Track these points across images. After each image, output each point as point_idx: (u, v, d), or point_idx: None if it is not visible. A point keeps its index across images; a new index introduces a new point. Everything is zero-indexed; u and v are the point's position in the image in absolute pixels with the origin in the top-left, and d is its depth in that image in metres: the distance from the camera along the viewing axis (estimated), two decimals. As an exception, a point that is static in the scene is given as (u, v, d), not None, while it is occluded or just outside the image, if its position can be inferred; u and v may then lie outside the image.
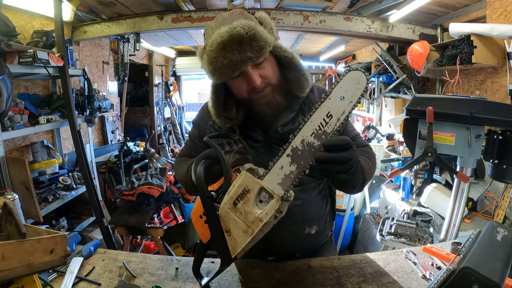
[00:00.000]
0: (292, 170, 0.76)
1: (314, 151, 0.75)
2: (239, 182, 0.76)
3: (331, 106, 0.76)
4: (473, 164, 1.33)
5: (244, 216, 0.75)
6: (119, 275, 0.99)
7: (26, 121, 2.28)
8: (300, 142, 0.76)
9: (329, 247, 1.20)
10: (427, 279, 0.96)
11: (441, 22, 3.07)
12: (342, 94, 0.76)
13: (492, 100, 2.08)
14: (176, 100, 6.76)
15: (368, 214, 3.05)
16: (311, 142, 0.76)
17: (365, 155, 1.00)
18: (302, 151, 0.76)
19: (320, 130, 0.76)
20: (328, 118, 0.76)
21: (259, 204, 0.75)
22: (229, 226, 0.77)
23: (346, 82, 0.77)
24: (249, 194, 0.75)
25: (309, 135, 0.76)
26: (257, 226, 0.75)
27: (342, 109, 0.76)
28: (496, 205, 1.99)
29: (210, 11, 3.06)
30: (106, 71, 3.99)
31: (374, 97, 3.87)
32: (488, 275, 0.62)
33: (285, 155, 0.76)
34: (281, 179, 0.76)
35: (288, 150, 0.77)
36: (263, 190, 0.75)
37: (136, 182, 2.61)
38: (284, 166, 0.76)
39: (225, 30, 0.81)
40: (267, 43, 0.84)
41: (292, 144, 0.77)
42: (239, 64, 0.83)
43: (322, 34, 3.74)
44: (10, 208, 0.75)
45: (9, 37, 2.00)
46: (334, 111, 0.76)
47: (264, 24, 0.90)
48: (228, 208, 0.76)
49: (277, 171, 0.76)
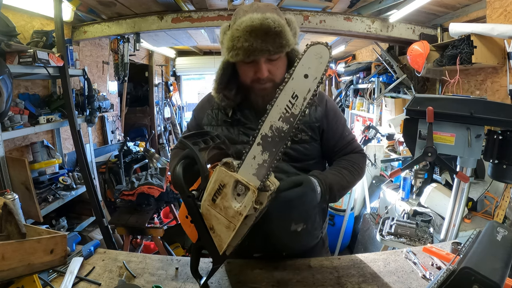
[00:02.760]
0: (265, 159, 0.74)
1: (285, 135, 0.74)
2: (215, 177, 0.75)
3: (295, 86, 0.74)
4: (473, 164, 1.33)
5: (224, 211, 0.74)
6: (119, 275, 0.99)
7: (26, 121, 2.28)
8: (269, 129, 0.74)
9: (321, 250, 1.19)
10: (427, 279, 0.96)
11: (441, 22, 3.07)
12: (305, 71, 0.73)
13: (492, 100, 2.08)
14: (176, 100, 6.76)
15: (368, 214, 3.05)
16: (280, 126, 0.74)
17: (344, 168, 1.02)
18: (272, 138, 0.74)
19: (287, 113, 0.74)
20: (294, 99, 0.74)
21: (237, 198, 0.74)
22: (212, 223, 0.77)
23: (307, 58, 0.74)
24: (225, 189, 0.74)
25: (277, 120, 0.74)
26: (238, 220, 0.74)
27: (307, 87, 0.73)
28: (496, 205, 1.99)
29: (210, 11, 3.06)
30: (106, 71, 3.99)
31: (374, 97, 3.87)
32: (488, 275, 0.62)
33: (256, 144, 0.75)
34: (256, 169, 0.74)
35: (258, 138, 0.75)
36: (238, 183, 0.74)
37: (136, 182, 2.61)
38: (256, 155, 0.74)
39: (257, 17, 0.85)
40: (288, 44, 0.89)
41: (261, 132, 0.75)
42: (257, 51, 0.87)
43: (322, 34, 3.74)
44: (10, 208, 0.75)
45: (9, 37, 2.00)
46: (299, 91, 0.73)
47: (291, 27, 0.95)
48: (208, 205, 0.76)
49: (250, 161, 0.74)
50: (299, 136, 1.03)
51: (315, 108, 1.07)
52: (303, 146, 1.04)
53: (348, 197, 3.09)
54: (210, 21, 3.05)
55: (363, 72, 4.35)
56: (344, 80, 5.30)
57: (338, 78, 5.81)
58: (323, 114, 1.07)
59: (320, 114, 1.06)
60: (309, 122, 1.05)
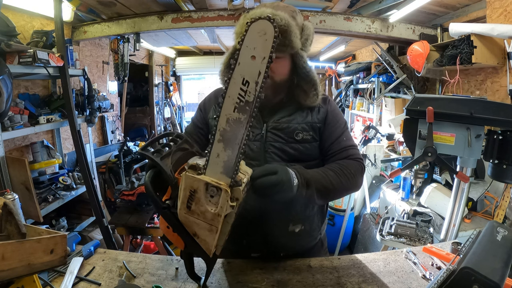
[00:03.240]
0: (229, 154, 0.71)
1: (244, 126, 0.70)
2: (183, 184, 0.72)
3: (244, 71, 0.68)
4: (473, 164, 1.33)
5: (202, 216, 0.72)
6: (119, 275, 0.99)
7: (26, 121, 2.28)
8: (226, 122, 0.70)
9: (319, 250, 1.19)
10: (427, 279, 0.96)
11: (441, 22, 3.07)
12: (251, 53, 0.67)
13: (492, 100, 2.08)
14: (176, 100, 6.76)
15: (368, 214, 3.05)
16: (237, 118, 0.70)
17: (331, 170, 0.98)
18: (231, 131, 0.70)
19: (241, 102, 0.69)
20: (245, 86, 0.68)
21: (211, 200, 0.71)
22: (194, 229, 0.75)
23: (251, 38, 0.68)
24: (197, 194, 0.71)
25: (232, 112, 0.70)
26: (218, 222, 0.72)
27: (257, 69, 0.67)
28: (496, 205, 1.99)
29: (210, 11, 3.06)
30: (106, 71, 3.99)
31: (374, 97, 3.87)
32: (488, 275, 0.62)
33: (216, 141, 0.71)
34: (222, 167, 0.71)
35: (217, 135, 0.71)
36: (209, 185, 0.71)
37: (136, 182, 2.61)
38: (219, 153, 0.71)
39: (268, 11, 0.87)
40: (291, 45, 0.91)
41: (219, 128, 0.71)
42: None
43: (322, 34, 3.73)
44: (10, 208, 0.75)
45: (9, 37, 2.00)
46: (249, 76, 0.68)
47: (303, 33, 0.98)
48: (185, 213, 0.74)
49: (215, 160, 0.71)
50: (301, 135, 1.03)
51: (318, 109, 1.07)
52: (304, 145, 1.04)
53: (348, 197, 3.09)
54: (210, 21, 3.05)
55: (363, 72, 4.35)
56: (344, 80, 5.30)
57: (338, 78, 5.81)
58: (325, 114, 1.08)
59: (322, 115, 1.07)
60: (311, 122, 1.05)
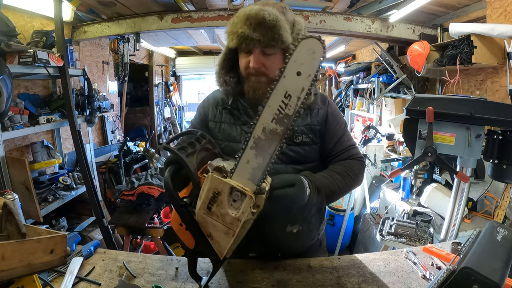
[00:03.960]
0: (260, 162, 0.71)
1: (279, 137, 0.71)
2: (208, 185, 0.72)
3: (288, 84, 0.70)
4: (473, 164, 1.33)
5: (221, 218, 0.72)
6: (119, 275, 0.99)
7: (26, 121, 2.28)
8: (262, 131, 0.71)
9: (317, 250, 1.19)
10: (427, 279, 0.96)
11: (441, 22, 3.07)
12: (298, 68, 0.69)
13: (492, 100, 2.08)
14: (176, 100, 6.76)
15: (368, 214, 3.05)
16: (273, 128, 0.71)
17: (338, 173, 1.00)
18: (266, 140, 0.71)
19: (280, 114, 0.70)
20: (287, 99, 0.70)
21: (233, 204, 0.71)
22: (209, 230, 0.74)
23: (300, 54, 0.70)
24: (221, 196, 0.71)
25: (269, 122, 0.71)
26: (236, 226, 0.72)
27: (301, 86, 0.69)
28: (496, 205, 1.99)
29: (210, 11, 3.06)
30: (106, 71, 3.99)
31: (374, 97, 3.87)
32: (488, 275, 0.62)
33: (249, 148, 0.72)
34: (250, 174, 0.71)
35: (250, 142, 0.72)
36: (234, 189, 0.71)
37: (136, 182, 2.61)
38: (250, 159, 0.72)
39: (256, 7, 0.89)
40: (281, 39, 0.90)
41: (254, 135, 0.72)
42: (248, 40, 0.90)
43: (322, 34, 3.73)
44: (10, 208, 0.75)
45: (9, 37, 2.00)
46: (292, 90, 0.69)
47: (294, 28, 0.96)
48: (204, 214, 0.73)
49: (244, 166, 0.72)
50: (300, 138, 1.03)
51: (317, 111, 1.07)
52: (303, 148, 1.04)
53: (348, 197, 3.09)
54: (210, 21, 3.05)
55: (363, 72, 4.35)
56: (344, 80, 5.30)
57: (338, 78, 5.81)
58: (324, 117, 1.07)
59: (322, 117, 1.07)
60: (310, 124, 1.05)
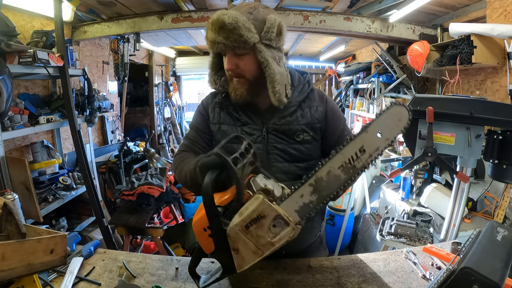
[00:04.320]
0: (312, 200, 0.72)
1: (339, 184, 0.71)
2: (254, 206, 0.70)
3: (366, 140, 0.71)
4: (473, 164, 1.33)
5: (255, 239, 0.71)
6: (119, 275, 0.99)
7: (26, 121, 2.28)
8: (326, 174, 0.72)
9: (318, 247, 1.20)
10: (427, 279, 0.96)
11: (441, 22, 3.07)
12: (381, 129, 0.71)
13: (492, 100, 2.08)
14: (176, 100, 6.76)
15: (368, 214, 3.05)
16: (338, 174, 0.72)
17: None
18: (326, 182, 0.72)
19: (349, 164, 0.71)
20: (361, 153, 0.71)
21: (272, 229, 0.71)
22: (238, 246, 0.73)
23: (387, 117, 0.72)
24: (264, 220, 0.70)
25: (336, 167, 0.72)
26: (268, 249, 0.72)
27: (377, 145, 0.71)
28: (496, 205, 1.99)
29: (210, 11, 3.06)
30: (106, 71, 3.99)
31: (374, 97, 3.87)
32: (488, 275, 0.62)
33: (308, 184, 0.73)
34: (299, 207, 0.72)
35: (311, 179, 0.73)
36: (279, 217, 0.71)
37: (136, 182, 2.61)
38: (304, 194, 0.72)
39: (218, 13, 0.92)
40: (243, 39, 0.92)
41: (317, 174, 0.72)
42: (215, 44, 0.95)
43: (322, 34, 3.74)
44: (10, 208, 0.75)
45: (9, 37, 2.00)
46: (368, 146, 0.71)
47: (266, 27, 0.96)
48: (239, 230, 0.72)
49: (296, 198, 0.72)
50: (301, 136, 1.04)
51: (316, 108, 1.08)
52: (305, 146, 1.05)
53: (348, 197, 3.09)
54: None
55: (363, 72, 4.35)
56: (344, 80, 5.30)
57: (338, 78, 5.82)
58: (324, 114, 1.09)
59: (321, 114, 1.08)
60: (310, 122, 1.06)
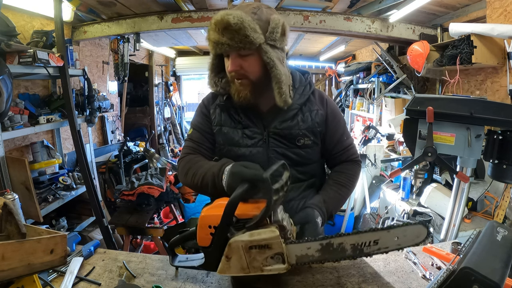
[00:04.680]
0: (314, 256, 0.78)
1: (342, 256, 0.78)
2: (267, 236, 0.75)
3: (384, 237, 0.78)
4: (473, 164, 1.33)
5: (250, 259, 0.76)
6: (119, 275, 0.99)
7: (26, 121, 2.28)
8: (338, 243, 0.78)
9: None
10: (427, 279, 0.96)
11: (441, 22, 3.07)
12: (400, 235, 0.78)
13: (492, 100, 2.08)
14: (176, 100, 6.76)
15: (368, 214, 3.05)
16: (346, 248, 0.78)
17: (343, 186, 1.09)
18: (334, 250, 0.78)
19: (359, 246, 0.78)
20: (374, 244, 0.78)
21: (269, 259, 0.77)
22: (232, 256, 0.77)
23: (410, 230, 0.78)
24: (268, 250, 0.76)
25: (349, 243, 0.79)
26: (255, 272, 0.78)
27: (389, 244, 0.78)
28: (496, 205, 1.99)
29: (210, 11, 3.06)
30: (106, 71, 3.99)
31: (374, 97, 3.87)
32: (488, 275, 0.62)
33: (318, 242, 0.78)
34: (301, 255, 0.78)
35: (324, 241, 0.78)
36: (281, 254, 0.76)
37: (136, 182, 2.61)
38: (311, 248, 0.78)
39: (222, 13, 0.89)
40: (249, 40, 0.89)
41: (331, 239, 0.78)
42: (219, 45, 0.92)
43: (322, 34, 3.74)
44: (10, 208, 0.75)
45: (9, 37, 2.00)
46: (382, 242, 0.78)
47: (270, 26, 0.94)
48: (241, 246, 0.76)
49: (303, 246, 0.78)
50: (302, 141, 1.04)
51: (317, 111, 1.07)
52: (305, 150, 1.06)
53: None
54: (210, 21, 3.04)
55: (363, 72, 4.35)
56: (344, 80, 5.30)
57: (338, 78, 5.82)
58: (324, 117, 1.08)
59: (322, 118, 1.07)
60: (311, 127, 1.05)
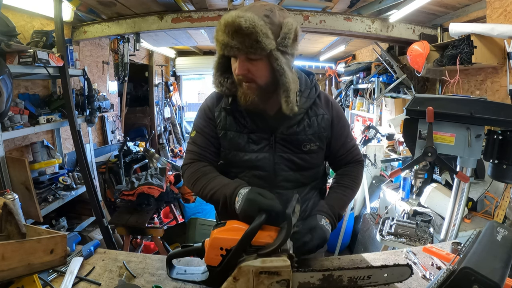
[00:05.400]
0: (316, 284, 0.84)
1: (340, 285, 0.84)
2: (279, 265, 0.79)
3: (376, 274, 0.86)
4: (473, 164, 1.33)
5: (257, 283, 0.79)
6: (119, 275, 0.99)
7: (26, 121, 2.28)
8: (338, 275, 0.84)
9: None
10: (427, 279, 0.96)
11: (441, 22, 3.07)
12: (388, 273, 0.86)
13: (492, 100, 2.08)
14: (176, 100, 6.76)
15: (368, 214, 3.05)
16: (343, 280, 0.84)
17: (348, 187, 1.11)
18: (333, 280, 0.84)
19: (355, 279, 0.85)
20: (367, 278, 0.85)
21: (275, 284, 0.80)
22: (240, 278, 0.80)
23: (397, 270, 0.86)
24: (276, 276, 0.79)
25: (347, 276, 0.85)
26: None
27: (378, 279, 0.86)
28: (496, 205, 1.99)
29: (210, 11, 3.06)
30: (106, 71, 3.99)
31: (374, 97, 3.87)
32: (488, 275, 0.62)
33: (321, 273, 0.84)
34: (304, 282, 0.83)
35: (327, 272, 0.83)
36: (287, 281, 0.80)
37: (136, 182, 2.61)
38: (314, 276, 0.84)
39: (233, 14, 0.86)
40: (260, 45, 0.87)
41: (332, 272, 0.84)
42: (228, 47, 0.90)
43: (322, 34, 3.74)
44: (10, 208, 0.75)
45: (9, 37, 2.00)
46: (373, 277, 0.85)
47: (282, 32, 0.91)
48: (252, 270, 0.79)
49: (307, 275, 0.83)
50: (308, 146, 1.04)
51: (323, 116, 1.06)
52: (311, 156, 1.05)
53: (348, 197, 3.08)
54: (210, 21, 3.04)
55: (363, 72, 4.35)
56: (344, 80, 5.30)
57: (338, 78, 5.81)
58: (330, 121, 1.08)
59: (327, 122, 1.07)
60: (317, 132, 1.05)
